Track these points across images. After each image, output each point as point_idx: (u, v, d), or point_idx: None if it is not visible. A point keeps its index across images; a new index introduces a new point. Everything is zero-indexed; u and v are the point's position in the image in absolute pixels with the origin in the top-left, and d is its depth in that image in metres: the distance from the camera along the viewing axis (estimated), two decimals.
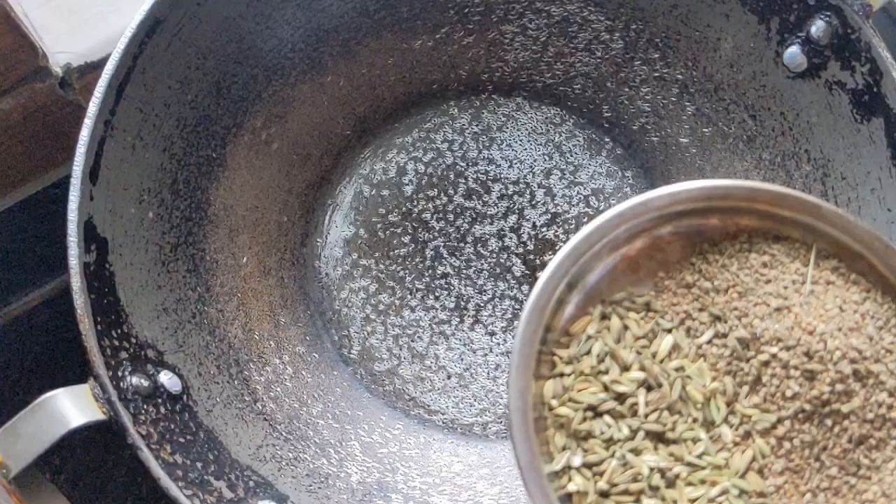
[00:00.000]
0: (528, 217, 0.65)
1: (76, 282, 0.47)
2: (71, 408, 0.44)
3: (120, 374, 0.47)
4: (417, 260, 0.64)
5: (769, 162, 0.60)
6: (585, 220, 0.65)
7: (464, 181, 0.65)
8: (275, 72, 0.60)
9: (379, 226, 0.65)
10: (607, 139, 0.67)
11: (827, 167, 0.57)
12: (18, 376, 0.72)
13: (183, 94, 0.56)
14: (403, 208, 0.65)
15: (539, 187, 0.66)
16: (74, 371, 0.50)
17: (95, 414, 0.45)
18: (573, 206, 0.66)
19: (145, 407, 0.47)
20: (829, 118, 0.56)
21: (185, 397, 0.50)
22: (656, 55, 0.63)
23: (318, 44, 0.61)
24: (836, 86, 0.55)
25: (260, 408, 0.55)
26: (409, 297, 0.64)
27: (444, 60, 0.65)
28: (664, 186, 0.47)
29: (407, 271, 0.64)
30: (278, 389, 0.57)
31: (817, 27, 0.55)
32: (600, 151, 0.66)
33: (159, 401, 0.49)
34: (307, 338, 0.62)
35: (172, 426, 0.48)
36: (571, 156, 0.66)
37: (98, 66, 0.61)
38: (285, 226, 0.63)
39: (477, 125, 0.67)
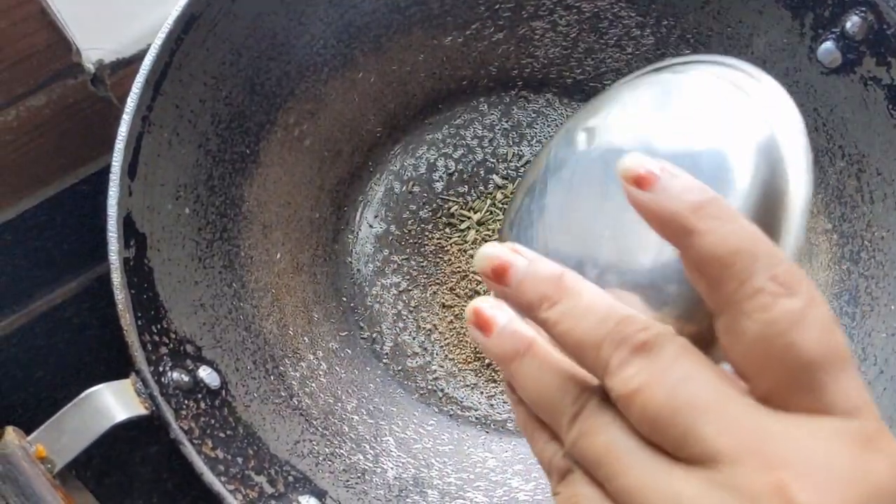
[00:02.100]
0: None
1: (117, 277, 0.47)
2: (114, 403, 0.44)
3: (161, 369, 0.47)
4: (448, 256, 0.64)
5: None
6: None
7: (494, 177, 0.65)
8: (307, 68, 0.61)
9: (410, 222, 0.65)
10: None
11: (862, 163, 0.57)
12: (43, 373, 0.72)
13: (218, 90, 0.56)
14: (434, 204, 0.65)
15: None
16: (105, 367, 0.50)
17: (138, 409, 0.45)
18: None
19: (186, 402, 0.47)
20: (864, 114, 0.56)
21: (223, 392, 0.51)
22: (688, 51, 0.62)
23: (350, 40, 0.61)
24: (872, 81, 0.55)
25: (296, 403, 0.55)
26: (440, 293, 0.64)
27: (474, 57, 0.65)
28: None
29: (437, 267, 0.64)
30: (313, 385, 0.57)
31: (852, 23, 0.54)
32: None
33: (199, 396, 0.49)
34: (340, 334, 0.62)
35: (213, 421, 0.48)
36: None
37: (130, 62, 0.61)
38: (317, 222, 0.63)
39: (507, 121, 0.67)
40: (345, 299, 0.64)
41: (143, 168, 0.51)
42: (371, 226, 0.65)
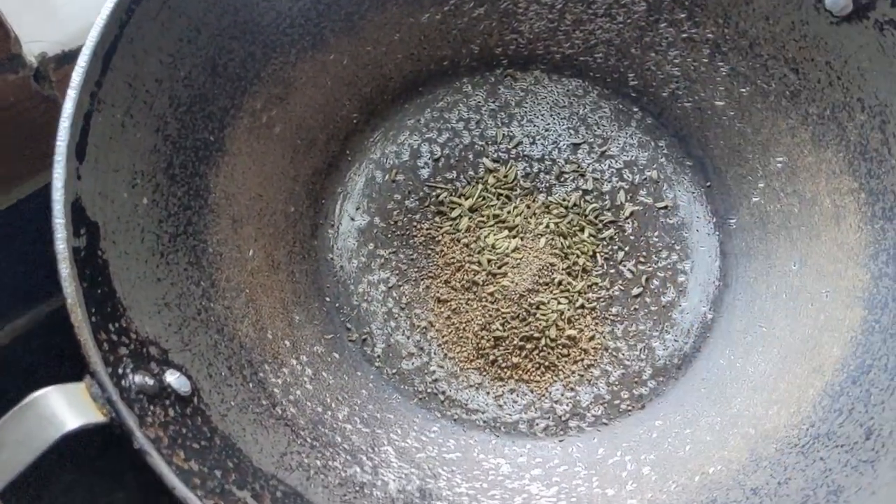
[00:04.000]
0: (556, 194, 0.60)
1: (65, 268, 0.41)
2: (65, 408, 0.37)
3: (121, 371, 0.40)
4: (440, 247, 0.58)
5: (817, 116, 0.55)
6: (620, 193, 0.60)
7: (484, 161, 0.60)
8: (274, 49, 0.55)
9: (395, 213, 0.59)
10: (636, 109, 0.62)
11: (885, 113, 0.52)
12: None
13: (175, 69, 0.50)
14: (420, 192, 0.60)
15: (567, 163, 0.61)
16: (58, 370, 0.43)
17: (94, 415, 0.38)
18: (605, 180, 0.60)
19: (152, 408, 0.40)
20: (883, 61, 0.52)
21: (195, 400, 0.44)
22: (683, 15, 0.58)
23: (319, 18, 0.56)
24: (889, 25, 0.51)
25: (280, 412, 0.48)
26: (433, 287, 0.58)
27: (455, 35, 0.61)
28: None
29: (429, 260, 0.58)
30: (298, 392, 0.50)
31: None
32: (629, 122, 0.62)
33: (167, 402, 0.42)
34: (325, 336, 0.56)
35: (184, 430, 0.41)
36: (599, 128, 0.61)
37: (76, 55, 0.55)
38: (293, 216, 0.57)
39: (493, 102, 0.62)
40: (328, 299, 0.57)
41: (94, 150, 0.45)
42: (353, 219, 0.59)
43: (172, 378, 0.43)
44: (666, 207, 0.60)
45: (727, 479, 0.48)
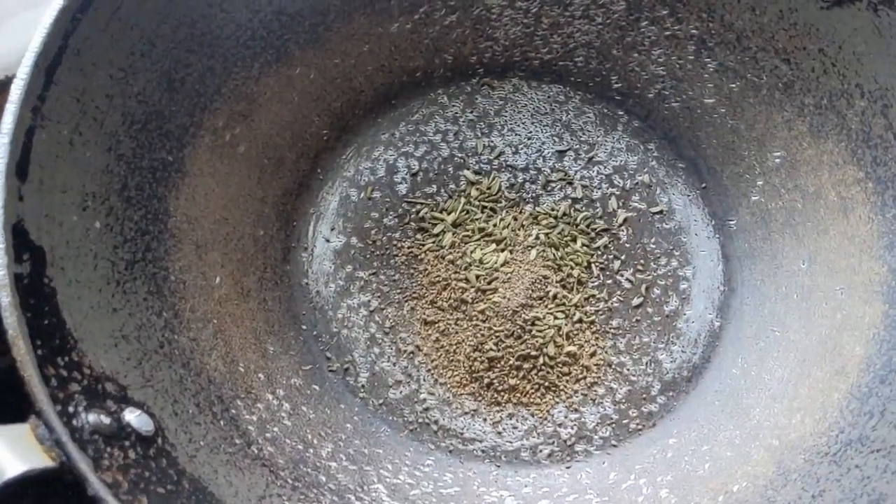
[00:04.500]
0: (544, 204, 0.56)
1: (5, 296, 0.36)
2: (5, 452, 0.32)
3: (72, 409, 0.35)
4: (423, 265, 0.54)
5: (814, 106, 0.52)
6: (612, 200, 0.57)
7: (465, 173, 0.56)
8: (234, 63, 0.52)
9: (373, 232, 0.55)
10: (621, 112, 0.59)
11: (886, 97, 0.49)
12: None
13: (128, 84, 0.46)
14: (399, 209, 0.56)
15: (553, 171, 0.57)
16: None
17: (40, 459, 0.33)
18: (595, 187, 0.57)
19: (109, 450, 0.35)
20: (880, 43, 0.49)
21: (159, 440, 0.39)
22: (665, 12, 0.55)
23: (282, 30, 0.53)
24: (883, 5, 0.48)
25: (256, 452, 0.43)
26: (419, 308, 0.53)
27: (427, 44, 0.58)
28: None
29: (412, 280, 0.54)
30: (276, 429, 0.46)
31: None
32: (615, 126, 0.58)
33: (127, 443, 0.37)
34: (303, 367, 0.51)
35: (148, 474, 0.36)
36: (584, 134, 0.58)
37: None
38: (262, 240, 0.53)
39: (471, 112, 0.58)
40: (305, 327, 0.53)
41: (38, 170, 0.41)
42: (328, 240, 0.55)
43: (133, 416, 0.38)
44: (661, 212, 0.57)
45: (754, 497, 0.44)
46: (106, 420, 0.36)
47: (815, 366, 0.48)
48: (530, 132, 0.58)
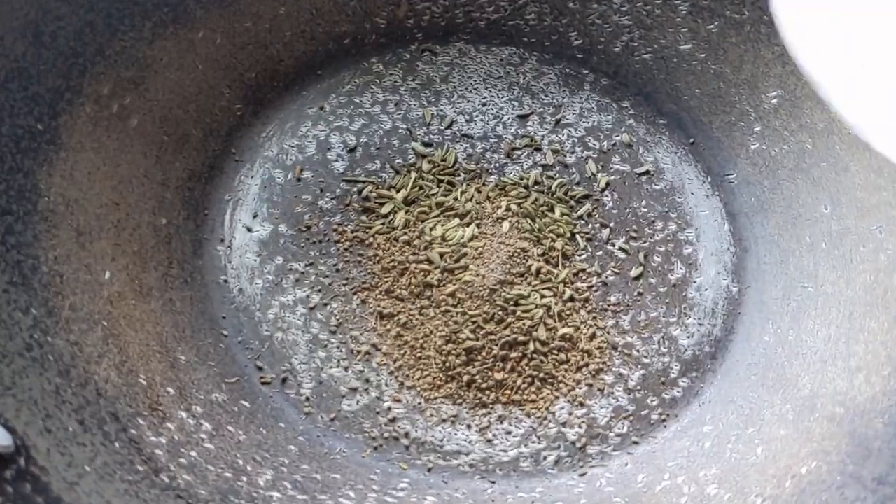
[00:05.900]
0: (511, 174, 0.47)
1: None
2: None
3: None
4: (373, 251, 0.44)
5: None
6: (589, 164, 0.48)
7: (414, 145, 0.47)
8: (120, 20, 0.42)
9: (307, 216, 0.45)
10: (586, 71, 0.51)
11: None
12: None
13: None
14: (337, 190, 0.46)
15: (517, 137, 0.48)
16: None
17: None
18: (567, 151, 0.48)
19: None
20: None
21: (22, 461, 0.27)
22: None
23: None
24: None
25: (166, 481, 0.31)
26: (371, 300, 0.42)
27: (354, 6, 0.49)
28: None
29: (361, 267, 0.44)
30: (193, 454, 0.34)
31: None
32: (581, 86, 0.50)
33: None
34: (226, 380, 0.39)
35: (1, 500, 0.24)
36: (546, 96, 0.50)
37: None
38: (165, 230, 0.42)
39: (413, 80, 0.50)
40: (226, 332, 0.41)
41: None
42: (250, 229, 0.44)
43: None
44: (647, 172, 0.48)
45: (832, 476, 0.34)
46: None
47: (866, 317, 0.39)
48: (484, 98, 0.49)
